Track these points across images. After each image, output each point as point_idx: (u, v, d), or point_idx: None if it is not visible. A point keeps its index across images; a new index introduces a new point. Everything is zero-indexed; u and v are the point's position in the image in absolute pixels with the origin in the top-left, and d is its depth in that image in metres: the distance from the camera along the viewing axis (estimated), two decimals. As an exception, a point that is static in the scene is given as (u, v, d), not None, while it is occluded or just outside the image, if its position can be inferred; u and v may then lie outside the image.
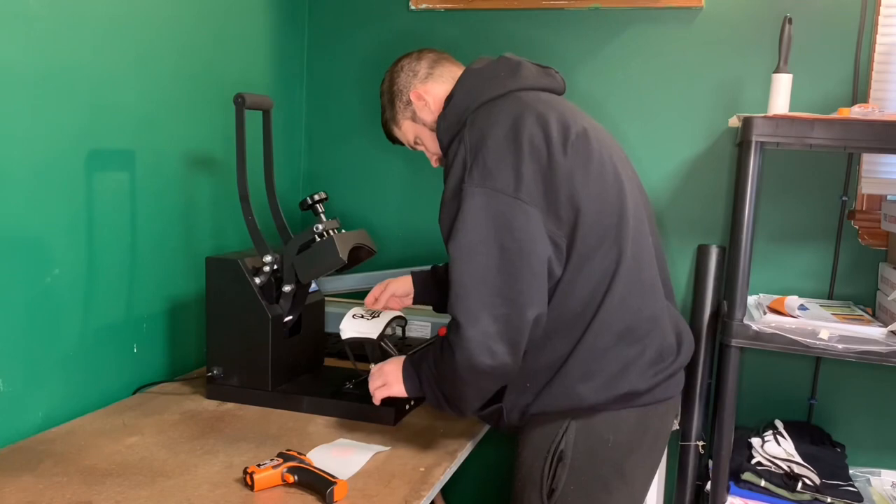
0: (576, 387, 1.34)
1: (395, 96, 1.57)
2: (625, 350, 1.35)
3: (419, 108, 1.55)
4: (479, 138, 1.35)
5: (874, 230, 2.03)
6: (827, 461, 1.89)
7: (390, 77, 1.59)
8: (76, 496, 1.22)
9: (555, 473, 1.38)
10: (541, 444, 1.40)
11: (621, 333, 1.35)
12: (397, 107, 1.58)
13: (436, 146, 1.54)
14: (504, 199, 1.29)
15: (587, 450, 1.37)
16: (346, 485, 1.26)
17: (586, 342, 1.34)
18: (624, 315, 1.35)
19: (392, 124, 1.62)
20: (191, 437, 1.49)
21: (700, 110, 2.15)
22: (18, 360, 1.47)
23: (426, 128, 1.56)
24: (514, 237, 1.28)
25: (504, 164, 1.30)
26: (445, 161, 1.42)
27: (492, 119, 1.37)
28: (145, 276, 1.80)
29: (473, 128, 1.38)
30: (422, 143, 1.60)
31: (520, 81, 1.45)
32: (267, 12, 2.26)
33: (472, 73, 1.49)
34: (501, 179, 1.30)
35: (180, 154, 1.90)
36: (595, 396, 1.34)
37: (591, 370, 1.34)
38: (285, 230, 1.73)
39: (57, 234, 1.54)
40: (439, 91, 1.53)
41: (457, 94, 1.46)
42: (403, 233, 2.43)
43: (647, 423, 1.41)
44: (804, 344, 1.70)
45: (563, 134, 1.34)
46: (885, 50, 2.01)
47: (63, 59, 1.52)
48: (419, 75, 1.55)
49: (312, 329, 1.82)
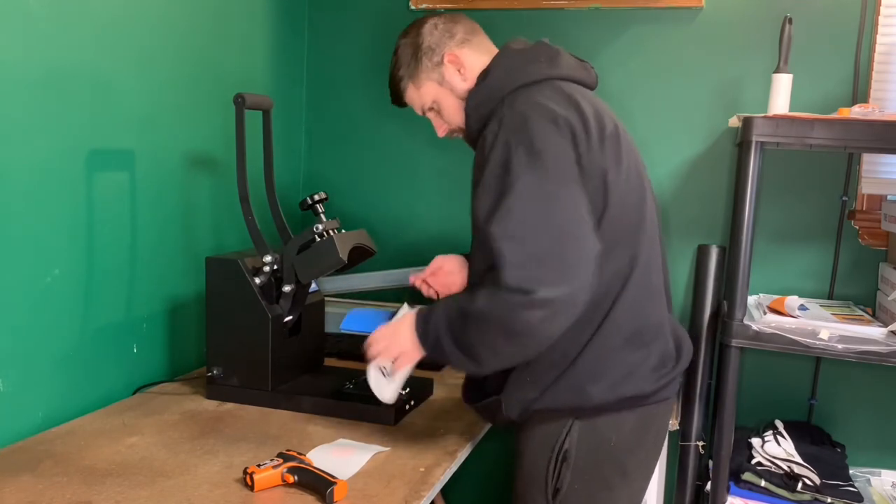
0: (584, 386, 1.33)
1: (423, 53, 1.47)
2: (632, 353, 1.35)
3: (450, 73, 1.46)
4: (521, 121, 1.29)
5: (874, 230, 2.03)
6: (827, 461, 1.89)
7: (417, 32, 1.48)
8: (76, 496, 1.22)
9: (559, 473, 1.37)
10: (544, 443, 1.39)
11: (629, 337, 1.34)
12: (423, 65, 1.47)
13: (455, 117, 1.47)
14: (553, 179, 1.24)
15: (591, 449, 1.37)
16: (346, 485, 1.26)
17: (596, 343, 1.32)
18: (633, 318, 1.35)
19: (409, 82, 1.50)
20: (191, 437, 1.49)
21: (700, 110, 2.15)
22: (18, 360, 1.47)
23: (452, 94, 1.47)
24: (565, 217, 1.23)
25: (549, 147, 1.26)
26: (479, 140, 1.35)
27: (532, 103, 1.32)
28: (145, 276, 1.80)
29: (513, 110, 1.32)
30: (438, 110, 1.51)
31: (558, 70, 1.41)
32: (267, 12, 2.26)
33: (511, 52, 1.43)
34: (548, 161, 1.25)
35: (180, 154, 1.90)
36: (602, 396, 1.33)
37: (600, 371, 1.33)
38: (285, 230, 1.73)
39: (57, 234, 1.54)
40: (475, 62, 1.46)
41: (494, 71, 1.41)
42: (403, 233, 2.44)
43: (647, 424, 1.41)
44: (804, 344, 1.70)
45: (600, 129, 1.32)
46: (885, 50, 2.01)
47: (63, 60, 1.52)
48: (456, 38, 1.47)
49: (312, 329, 1.82)
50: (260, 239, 1.66)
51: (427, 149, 2.41)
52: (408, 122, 2.41)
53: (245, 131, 1.63)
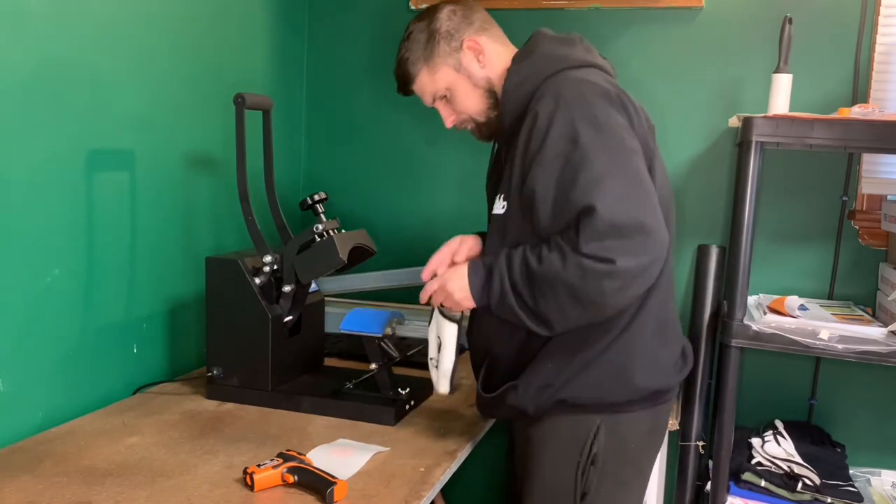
0: (613, 377, 1.32)
1: (440, 37, 1.43)
2: (659, 347, 1.37)
3: (468, 59, 1.43)
4: (580, 97, 1.27)
5: (874, 230, 2.03)
6: (827, 461, 1.89)
7: (434, 18, 1.45)
8: (76, 496, 1.22)
9: (587, 478, 1.34)
10: (569, 448, 1.35)
11: (655, 331, 1.35)
12: (441, 49, 1.43)
13: (469, 104, 1.45)
14: (625, 152, 1.23)
15: (615, 451, 1.35)
16: (346, 485, 1.26)
17: (631, 331, 1.31)
18: (661, 311, 1.35)
19: (423, 66, 1.45)
20: (191, 437, 1.49)
21: (700, 110, 2.15)
22: (18, 360, 1.47)
23: (469, 81, 1.44)
24: (642, 189, 1.22)
25: (613, 122, 1.25)
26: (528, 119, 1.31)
27: (586, 81, 1.30)
28: (145, 276, 1.79)
29: (566, 88, 1.29)
30: (450, 98, 1.47)
31: (594, 59, 1.41)
32: (267, 12, 2.26)
33: (549, 37, 1.42)
34: (616, 136, 1.24)
35: (180, 154, 1.90)
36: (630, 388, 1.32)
37: (630, 362, 1.32)
38: (285, 230, 1.73)
39: (57, 234, 1.54)
40: (494, 50, 1.44)
41: (537, 51, 1.38)
42: (403, 233, 2.44)
43: (657, 422, 1.43)
44: (804, 344, 1.70)
45: (645, 116, 1.34)
46: (885, 50, 2.01)
47: (63, 59, 1.52)
48: (474, 25, 1.44)
49: (312, 329, 1.82)
50: (260, 239, 1.66)
51: (427, 148, 2.41)
52: (408, 122, 2.42)
53: (245, 131, 1.63)
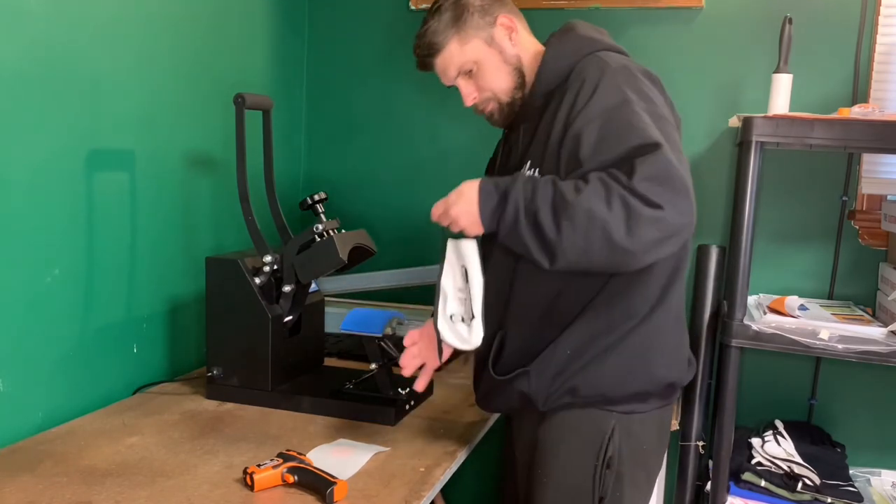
0: (635, 367, 1.31)
1: (473, 10, 1.40)
2: (678, 336, 1.38)
3: (500, 35, 1.41)
4: (624, 69, 1.28)
5: (874, 230, 2.03)
6: (827, 461, 1.89)
7: None
8: (76, 496, 1.22)
9: (604, 482, 1.33)
10: (584, 449, 1.34)
11: (677, 320, 1.37)
12: (474, 21, 1.40)
13: (496, 80, 1.41)
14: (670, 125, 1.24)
15: (629, 453, 1.34)
16: (346, 485, 1.26)
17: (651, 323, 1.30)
18: (679, 304, 1.37)
19: (453, 36, 1.40)
20: (191, 437, 1.49)
21: (700, 110, 2.15)
22: (18, 360, 1.47)
23: (500, 57, 1.41)
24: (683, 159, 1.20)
25: (655, 97, 1.26)
26: (574, 86, 1.29)
27: (625, 59, 1.33)
28: (145, 276, 1.80)
29: (609, 60, 1.30)
30: (477, 72, 1.42)
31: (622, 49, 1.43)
32: (267, 12, 2.26)
33: (584, 23, 1.44)
34: (660, 109, 1.24)
35: (180, 154, 1.90)
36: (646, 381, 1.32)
37: (651, 353, 1.32)
38: (285, 230, 1.73)
39: (57, 234, 1.54)
40: (525, 33, 1.46)
41: (578, 30, 1.40)
42: (403, 233, 2.43)
43: (664, 423, 1.43)
44: (804, 344, 1.70)
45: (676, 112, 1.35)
46: (885, 50, 2.01)
47: (63, 59, 1.52)
48: (507, 6, 1.44)
49: (312, 329, 1.82)
50: (260, 239, 1.66)
51: (428, 148, 2.41)
52: (408, 122, 2.42)
53: (245, 131, 1.63)
